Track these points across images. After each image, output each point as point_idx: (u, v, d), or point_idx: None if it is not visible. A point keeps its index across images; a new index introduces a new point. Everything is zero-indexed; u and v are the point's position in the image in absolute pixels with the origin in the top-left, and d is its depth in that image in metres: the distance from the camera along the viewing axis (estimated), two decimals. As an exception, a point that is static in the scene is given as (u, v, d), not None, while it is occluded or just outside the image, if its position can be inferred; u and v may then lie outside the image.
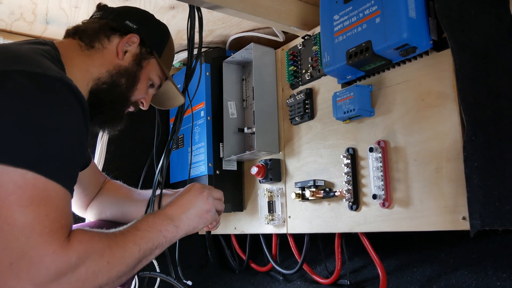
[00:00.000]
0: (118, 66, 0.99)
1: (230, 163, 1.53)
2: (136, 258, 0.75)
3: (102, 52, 0.98)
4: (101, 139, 1.58)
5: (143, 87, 1.05)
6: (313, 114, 1.28)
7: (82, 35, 0.98)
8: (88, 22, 1.03)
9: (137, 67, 1.02)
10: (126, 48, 1.00)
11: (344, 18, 1.05)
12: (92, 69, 0.96)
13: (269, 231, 1.41)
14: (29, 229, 0.63)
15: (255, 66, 1.40)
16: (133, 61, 1.01)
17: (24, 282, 0.61)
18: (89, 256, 0.67)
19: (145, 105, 1.09)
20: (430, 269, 1.23)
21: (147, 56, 1.03)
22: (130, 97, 1.03)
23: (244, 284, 1.70)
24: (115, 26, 1.01)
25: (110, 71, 0.98)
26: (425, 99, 0.98)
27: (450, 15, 0.91)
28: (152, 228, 0.82)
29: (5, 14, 1.32)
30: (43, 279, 0.62)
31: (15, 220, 0.62)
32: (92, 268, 0.67)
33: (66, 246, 0.65)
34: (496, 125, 0.85)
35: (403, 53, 0.95)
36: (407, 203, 0.99)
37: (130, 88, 1.01)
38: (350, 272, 1.39)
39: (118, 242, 0.73)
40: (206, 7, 1.19)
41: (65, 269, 0.64)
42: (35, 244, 0.63)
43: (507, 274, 1.06)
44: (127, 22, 1.02)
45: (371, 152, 1.04)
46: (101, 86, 0.97)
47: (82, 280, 0.66)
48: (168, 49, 1.10)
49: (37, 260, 0.62)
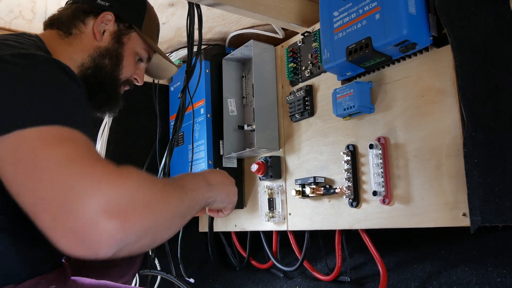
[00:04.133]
0: (98, 48, 0.97)
1: (230, 161, 1.53)
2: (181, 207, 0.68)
3: (80, 37, 0.96)
4: (100, 139, 1.58)
5: (130, 63, 1.03)
6: (313, 111, 1.28)
7: (59, 24, 0.97)
8: (62, 9, 1.01)
9: (117, 45, 1.00)
10: (104, 28, 0.98)
11: (344, 15, 1.05)
12: (75, 56, 0.95)
13: (270, 228, 1.42)
14: (69, 161, 0.56)
15: (254, 63, 1.40)
16: (112, 39, 0.99)
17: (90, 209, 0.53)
18: (141, 185, 0.59)
19: (139, 81, 1.07)
20: (430, 265, 1.23)
21: (126, 32, 1.01)
22: (119, 76, 1.02)
23: (245, 281, 1.70)
24: (87, 8, 0.98)
25: (92, 54, 0.96)
26: (425, 96, 0.98)
27: (450, 11, 0.91)
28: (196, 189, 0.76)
29: (4, 12, 1.32)
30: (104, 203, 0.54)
31: (49, 158, 0.56)
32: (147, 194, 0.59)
33: (117, 170, 0.59)
34: (496, 121, 0.85)
35: (403, 49, 0.95)
36: (408, 199, 0.99)
37: (115, 68, 1.00)
38: (350, 269, 1.39)
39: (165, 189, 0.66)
40: (205, 4, 1.19)
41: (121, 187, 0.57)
42: (82, 174, 0.55)
43: (507, 271, 1.06)
44: (98, 1, 0.99)
45: (371, 149, 1.04)
46: (86, 72, 0.95)
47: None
48: (148, 18, 1.07)
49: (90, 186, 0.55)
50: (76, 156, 0.58)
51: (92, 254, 0.54)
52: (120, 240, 0.54)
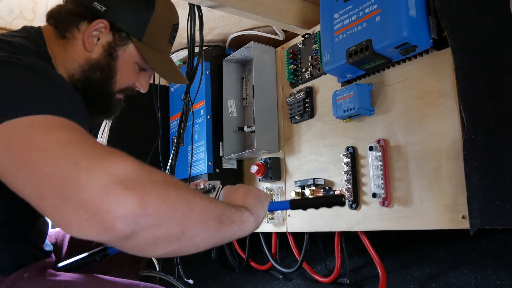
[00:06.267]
0: (89, 60, 0.86)
1: (230, 162, 1.53)
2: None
3: (73, 43, 0.85)
4: (100, 139, 1.58)
5: (127, 75, 0.91)
6: (313, 113, 1.28)
7: (55, 22, 0.87)
8: (62, 4, 0.90)
9: (109, 59, 0.87)
10: (97, 36, 0.86)
11: (344, 17, 1.05)
12: (67, 63, 0.85)
13: (269, 229, 1.41)
14: (69, 142, 0.53)
15: (255, 64, 1.40)
16: (104, 51, 0.87)
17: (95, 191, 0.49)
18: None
19: (142, 90, 0.96)
20: (429, 268, 1.23)
21: (122, 43, 0.88)
22: (111, 89, 0.90)
23: (244, 283, 1.70)
24: (81, 11, 0.86)
25: (82, 66, 0.86)
26: (425, 98, 0.98)
27: (451, 13, 0.91)
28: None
29: (5, 12, 1.32)
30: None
31: (49, 140, 0.53)
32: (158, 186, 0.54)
33: (121, 152, 0.54)
34: (496, 124, 0.85)
35: (403, 51, 0.95)
36: (407, 202, 0.99)
37: (107, 82, 0.89)
38: (349, 271, 1.39)
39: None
40: (206, 5, 1.19)
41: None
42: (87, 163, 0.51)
43: (506, 273, 1.06)
44: (95, 4, 0.85)
45: (371, 150, 1.04)
46: (76, 84, 0.85)
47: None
48: (155, 25, 0.91)
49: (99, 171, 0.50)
50: (77, 139, 0.55)
51: (107, 231, 0.49)
52: (137, 215, 0.49)
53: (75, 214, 0.49)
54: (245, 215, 0.68)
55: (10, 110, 0.56)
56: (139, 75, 0.94)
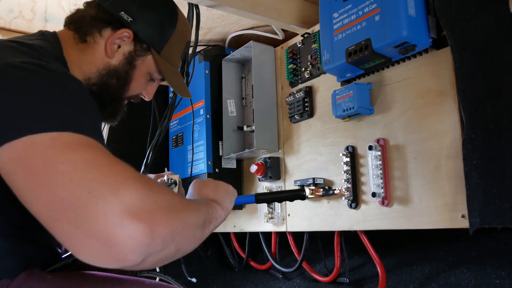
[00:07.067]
0: (108, 65, 0.89)
1: (230, 161, 1.53)
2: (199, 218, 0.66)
3: (93, 48, 0.88)
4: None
5: (138, 84, 0.95)
6: (313, 112, 1.28)
7: (76, 27, 0.89)
8: (84, 10, 0.92)
9: (128, 67, 0.91)
10: (119, 44, 0.90)
11: (344, 16, 1.05)
12: (84, 66, 0.88)
13: (269, 229, 1.41)
14: (86, 165, 0.54)
15: (254, 64, 1.40)
16: (124, 59, 0.91)
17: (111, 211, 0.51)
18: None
19: (147, 98, 1.01)
20: (429, 267, 1.23)
21: (142, 53, 0.92)
22: (124, 95, 0.95)
23: (244, 282, 1.70)
24: (107, 18, 0.89)
25: (100, 70, 0.89)
26: (424, 97, 0.98)
27: (450, 13, 0.91)
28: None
29: (4, 12, 1.32)
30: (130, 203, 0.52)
31: (66, 162, 0.53)
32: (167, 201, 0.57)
33: (137, 174, 0.56)
34: (495, 123, 0.86)
35: (403, 51, 0.95)
36: (407, 201, 0.99)
37: (122, 88, 0.93)
38: (349, 270, 1.39)
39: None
40: (205, 5, 1.19)
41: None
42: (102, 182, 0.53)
43: (506, 272, 1.06)
44: (121, 14, 0.89)
45: (371, 150, 1.04)
46: (91, 87, 0.88)
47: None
48: (174, 39, 0.96)
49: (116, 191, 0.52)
50: (94, 160, 0.55)
51: (118, 261, 0.51)
52: (148, 245, 0.51)
53: (87, 243, 0.50)
54: (218, 211, 0.74)
55: (33, 124, 0.56)
56: (148, 84, 0.99)
